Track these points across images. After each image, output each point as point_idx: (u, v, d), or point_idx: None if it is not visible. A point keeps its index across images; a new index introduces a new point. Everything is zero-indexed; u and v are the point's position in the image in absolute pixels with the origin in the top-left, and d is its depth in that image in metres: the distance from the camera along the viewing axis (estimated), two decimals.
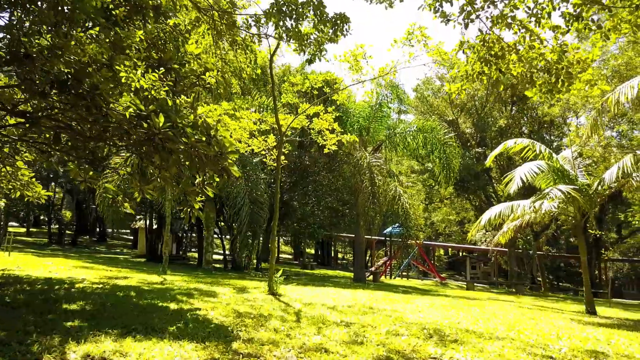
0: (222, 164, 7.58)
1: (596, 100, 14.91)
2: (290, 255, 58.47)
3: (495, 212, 14.30)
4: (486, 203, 32.60)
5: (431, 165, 31.39)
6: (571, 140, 14.54)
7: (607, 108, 12.48)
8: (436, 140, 20.68)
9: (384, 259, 34.28)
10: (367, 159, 19.01)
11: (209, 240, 21.68)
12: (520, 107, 28.87)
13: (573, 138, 14.91)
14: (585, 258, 13.65)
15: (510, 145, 13.84)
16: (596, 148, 14.54)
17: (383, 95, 21.32)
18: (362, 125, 21.67)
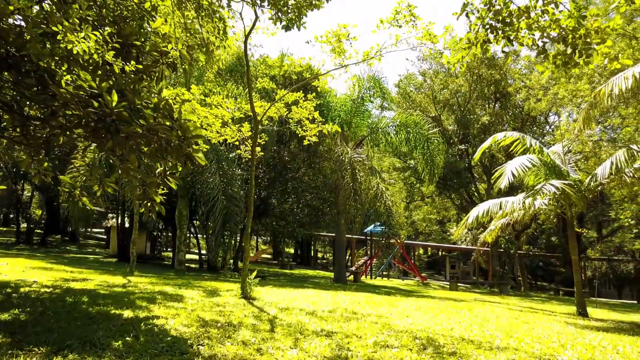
0: (185, 150, 6.63)
1: (586, 94, 14.38)
2: (269, 255, 57.39)
3: (483, 209, 13.61)
4: (468, 202, 32.14)
5: (414, 163, 30.76)
6: (562, 134, 13.95)
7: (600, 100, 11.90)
8: (420, 135, 19.96)
9: (364, 259, 33.57)
10: (348, 154, 18.17)
11: (182, 239, 20.56)
12: (503, 103, 28.45)
13: (564, 132, 14.32)
14: (576, 257, 13.05)
15: (500, 138, 13.16)
16: (587, 143, 14.00)
17: (365, 89, 20.51)
18: (344, 120, 20.83)
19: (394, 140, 20.74)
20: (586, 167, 13.88)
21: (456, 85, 27.43)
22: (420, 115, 21.04)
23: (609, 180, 12.61)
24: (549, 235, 37.36)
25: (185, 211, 20.76)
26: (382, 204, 19.51)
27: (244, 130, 10.48)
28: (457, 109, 28.75)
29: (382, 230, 22.61)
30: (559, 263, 38.07)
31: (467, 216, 14.09)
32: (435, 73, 29.12)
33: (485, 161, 31.06)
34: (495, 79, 26.60)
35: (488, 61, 26.67)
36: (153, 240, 36.25)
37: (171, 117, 6.55)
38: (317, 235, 38.51)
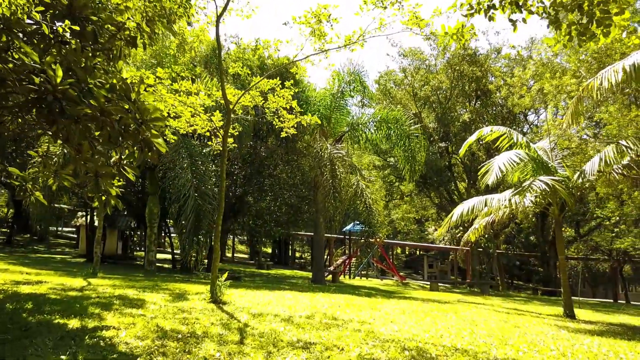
0: (143, 135, 5.79)
1: (573, 88, 13.98)
2: (246, 255, 56.34)
3: (467, 207, 13.05)
4: (448, 200, 31.79)
5: (393, 160, 30.23)
6: (548, 129, 13.50)
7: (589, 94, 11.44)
8: (401, 131, 19.37)
9: (343, 258, 32.93)
10: (328, 150, 17.45)
11: (152, 238, 19.53)
12: (484, 101, 28.15)
13: (550, 127, 13.86)
14: (563, 257, 12.59)
15: (486, 132, 12.61)
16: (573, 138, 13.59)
17: (345, 83, 19.83)
18: (323, 115, 20.09)
19: (375, 136, 20.11)
20: (572, 163, 13.44)
21: (437, 81, 26.99)
22: (402, 111, 20.42)
23: (597, 177, 12.18)
24: (528, 234, 37.34)
25: (156, 209, 19.74)
26: (362, 202, 18.85)
27: (215, 120, 9.64)
28: (438, 106, 28.33)
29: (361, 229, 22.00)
30: (537, 262, 38.12)
31: (451, 214, 13.52)
32: (416, 69, 28.66)
33: (466, 160, 30.75)
34: (476, 75, 26.27)
35: (470, 58, 26.33)
36: (125, 240, 34.91)
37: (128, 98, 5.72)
38: (295, 234, 37.70)
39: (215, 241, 8.73)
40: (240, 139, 18.30)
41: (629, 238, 20.65)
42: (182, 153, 17.66)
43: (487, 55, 27.88)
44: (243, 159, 21.45)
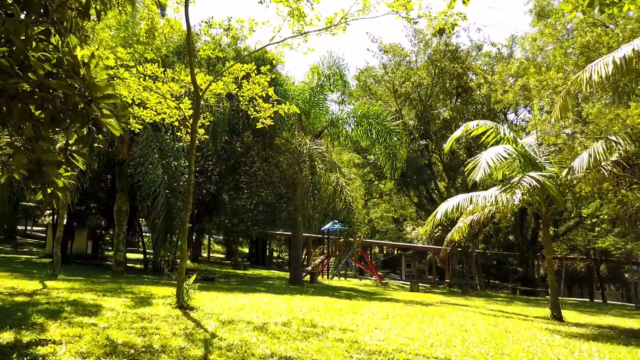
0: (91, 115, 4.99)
1: (559, 83, 13.58)
2: (222, 255, 55.18)
3: (452, 204, 12.50)
4: (428, 199, 31.40)
5: (373, 158, 29.66)
6: (536, 124, 13.04)
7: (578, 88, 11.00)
8: (382, 127, 18.77)
9: (321, 258, 32.26)
10: (307, 145, 16.73)
11: (121, 237, 18.48)
12: (464, 98, 27.81)
13: (538, 122, 13.41)
14: (551, 257, 12.13)
15: (473, 127, 12.07)
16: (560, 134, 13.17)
17: (325, 76, 19.13)
18: (302, 109, 19.36)
19: (355, 132, 19.48)
20: (560, 160, 13.03)
21: (418, 77, 26.52)
22: (383, 106, 19.82)
23: (586, 174, 11.77)
24: (507, 234, 37.26)
25: (125, 206, 18.71)
26: (342, 200, 18.17)
27: (184, 108, 8.82)
28: (418, 103, 27.89)
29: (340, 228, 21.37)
30: (516, 262, 38.10)
31: (435, 211, 12.95)
32: (396, 65, 28.15)
33: (446, 159, 30.43)
34: (457, 72, 25.90)
35: (451, 54, 25.94)
36: (95, 239, 33.55)
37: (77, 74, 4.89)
38: (272, 234, 36.86)
39: (182, 240, 7.92)
40: (214, 133, 17.46)
41: (610, 237, 20.54)
42: (153, 147, 16.71)
43: (468, 52, 27.57)
44: (218, 154, 20.56)
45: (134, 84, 8.45)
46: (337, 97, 24.85)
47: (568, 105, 11.60)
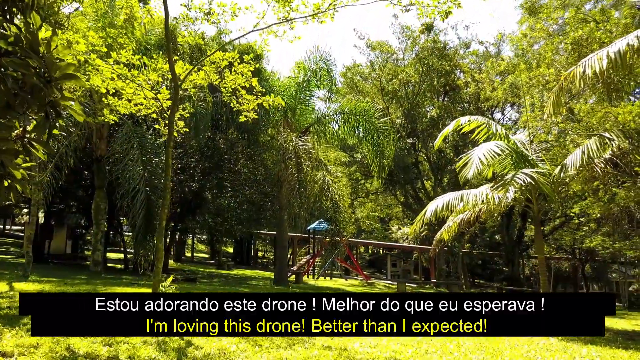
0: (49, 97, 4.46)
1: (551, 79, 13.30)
2: (207, 255, 54.39)
3: (442, 203, 12.12)
4: (415, 198, 31.12)
5: (359, 156, 29.26)
6: (528, 120, 12.72)
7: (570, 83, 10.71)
8: (369, 124, 18.36)
9: (307, 257, 31.79)
10: (293, 142, 16.24)
11: (99, 236, 17.79)
12: (452, 97, 27.56)
13: (530, 118, 13.11)
14: (543, 256, 11.83)
15: (464, 122, 11.70)
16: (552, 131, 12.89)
17: (311, 72, 18.64)
18: (288, 106, 18.86)
19: (342, 129, 19.02)
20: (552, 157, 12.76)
21: (405, 74, 26.17)
22: (370, 103, 19.41)
23: (579, 171, 11.48)
24: (493, 233, 37.20)
25: (103, 204, 18.02)
26: (329, 198, 17.72)
27: (162, 98, 8.27)
28: (405, 101, 27.55)
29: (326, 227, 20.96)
30: (502, 261, 38.08)
31: (424, 210, 12.58)
32: (384, 61, 27.77)
33: (434, 158, 30.18)
34: (445, 70, 25.62)
35: (439, 51, 25.64)
36: (75, 238, 32.62)
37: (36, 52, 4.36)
38: (257, 233, 36.25)
39: (159, 239, 7.39)
40: (197, 128, 16.89)
41: (598, 237, 20.45)
42: (132, 143, 16.06)
43: (455, 50, 27.32)
44: (201, 151, 19.95)
45: (107, 72, 7.89)
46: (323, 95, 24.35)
47: (561, 101, 11.31)
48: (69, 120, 14.36)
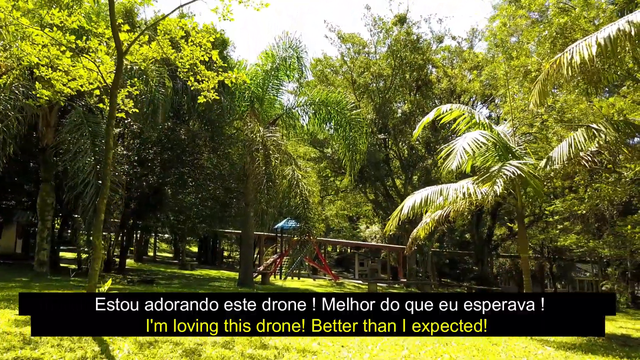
0: None
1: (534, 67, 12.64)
2: (171, 254, 52.39)
3: (420, 198, 11.22)
4: (385, 196, 30.41)
5: (330, 152, 28.29)
6: (511, 111, 11.98)
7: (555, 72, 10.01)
8: (341, 116, 17.38)
9: (274, 257, 30.62)
10: (260, 132, 15.09)
11: (44, 234, 16.15)
12: (424, 92, 26.90)
13: (513, 109, 12.38)
14: (526, 256, 11.07)
15: (445, 111, 10.82)
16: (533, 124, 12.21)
17: (281, 58, 17.49)
18: (255, 95, 17.67)
19: (313, 121, 17.97)
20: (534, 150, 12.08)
21: (378, 67, 25.33)
22: (343, 93, 18.41)
23: (565, 165, 10.80)
24: (463, 232, 36.94)
25: (50, 199, 16.42)
26: (298, 194, 16.65)
27: (104, 70, 7.01)
28: (377, 96, 26.72)
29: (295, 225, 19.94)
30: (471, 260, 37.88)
31: (400, 206, 11.66)
32: (355, 53, 26.84)
33: (403, 154, 29.53)
34: (418, 64, 24.91)
35: (412, 44, 24.92)
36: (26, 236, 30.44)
37: None
38: (222, 232, 34.79)
39: (96, 236, 6.19)
40: (155, 116, 15.53)
41: (572, 235, 20.14)
42: (83, 131, 14.55)
43: (429, 44, 26.66)
44: (161, 143, 18.52)
45: (38, 37, 6.60)
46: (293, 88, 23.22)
47: (548, 90, 10.60)
48: (6, 103, 12.84)
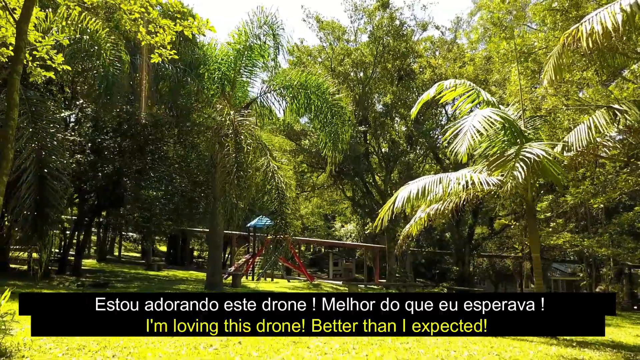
0: None
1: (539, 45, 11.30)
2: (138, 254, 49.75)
3: (416, 188, 9.70)
4: (364, 192, 28.93)
5: (307, 144, 26.61)
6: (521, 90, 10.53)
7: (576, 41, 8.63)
8: (322, 101, 15.74)
9: (246, 257, 28.75)
10: (231, 115, 13.31)
11: None
12: (407, 82, 25.51)
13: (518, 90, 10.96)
14: (538, 255, 9.69)
15: (448, 86, 9.31)
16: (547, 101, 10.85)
17: (254, 36, 15.72)
18: (226, 77, 15.87)
19: (291, 106, 16.26)
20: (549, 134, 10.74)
21: (360, 54, 23.81)
22: (324, 76, 16.74)
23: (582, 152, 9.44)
24: (443, 230, 35.82)
25: None
26: (274, 187, 14.89)
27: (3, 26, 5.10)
28: (357, 86, 25.21)
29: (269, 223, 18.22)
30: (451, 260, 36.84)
31: (392, 198, 10.14)
32: (335, 38, 25.23)
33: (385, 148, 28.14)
34: (401, 51, 23.49)
35: (395, 31, 23.49)
36: None
37: None
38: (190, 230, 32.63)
39: None
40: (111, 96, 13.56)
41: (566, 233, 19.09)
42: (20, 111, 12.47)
43: (412, 31, 25.32)
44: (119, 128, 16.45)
45: None
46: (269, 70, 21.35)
47: (564, 63, 9.20)
48: None
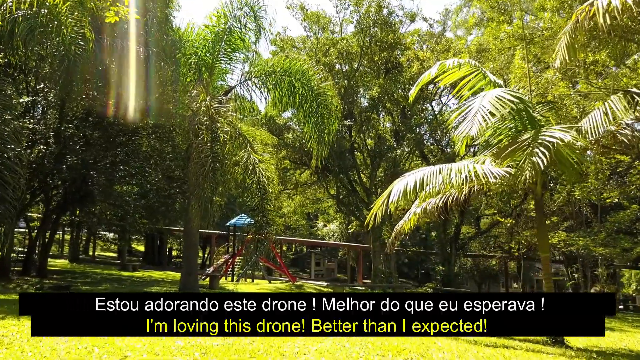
0: None
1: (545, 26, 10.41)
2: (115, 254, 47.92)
3: (413, 180, 8.70)
4: (349, 190, 27.92)
5: (290, 138, 25.48)
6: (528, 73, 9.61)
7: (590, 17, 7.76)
8: (307, 89, 14.65)
9: (225, 257, 27.51)
10: (206, 101, 12.12)
11: None
12: (394, 75, 24.58)
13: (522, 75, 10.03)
14: (548, 255, 8.73)
15: (451, 65, 8.31)
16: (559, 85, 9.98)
17: (235, 18, 14.56)
18: (203, 62, 14.68)
19: (274, 95, 15.12)
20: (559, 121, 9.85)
21: (346, 44, 22.79)
22: (309, 62, 15.62)
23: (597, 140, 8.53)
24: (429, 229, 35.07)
25: None
26: (254, 181, 13.73)
27: None
28: (342, 78, 24.20)
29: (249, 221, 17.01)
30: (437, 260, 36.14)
31: (387, 191, 9.13)
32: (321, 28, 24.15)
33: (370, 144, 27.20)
34: (389, 42, 22.53)
35: (382, 21, 22.53)
36: None
37: None
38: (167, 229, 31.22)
39: None
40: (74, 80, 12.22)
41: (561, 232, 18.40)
42: None
43: (401, 21, 24.41)
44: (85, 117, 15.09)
45: None
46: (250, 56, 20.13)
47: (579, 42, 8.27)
48: None
